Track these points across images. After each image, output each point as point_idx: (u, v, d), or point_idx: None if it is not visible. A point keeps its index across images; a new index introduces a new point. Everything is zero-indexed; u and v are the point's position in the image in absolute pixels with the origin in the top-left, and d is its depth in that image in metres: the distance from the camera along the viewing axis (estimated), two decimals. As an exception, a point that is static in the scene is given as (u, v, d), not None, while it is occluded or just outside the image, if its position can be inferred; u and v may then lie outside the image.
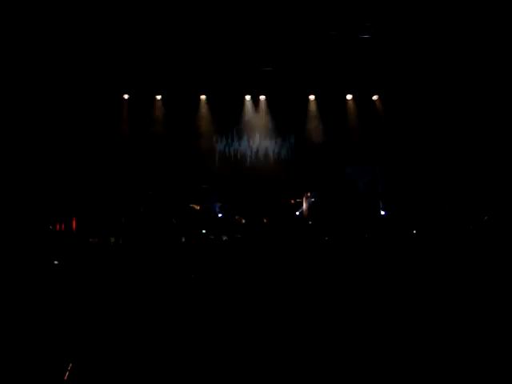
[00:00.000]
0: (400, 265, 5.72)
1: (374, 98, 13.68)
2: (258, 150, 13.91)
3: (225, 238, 10.40)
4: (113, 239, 10.41)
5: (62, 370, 3.37)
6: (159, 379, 3.40)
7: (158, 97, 13.37)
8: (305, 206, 12.83)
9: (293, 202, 13.07)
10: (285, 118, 13.83)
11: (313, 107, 13.71)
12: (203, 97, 13.52)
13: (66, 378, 3.32)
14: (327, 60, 11.86)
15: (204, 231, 10.83)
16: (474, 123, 12.22)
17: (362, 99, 13.59)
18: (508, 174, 11.61)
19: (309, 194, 13.00)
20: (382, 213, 12.10)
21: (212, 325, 4.01)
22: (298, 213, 12.93)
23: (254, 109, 13.73)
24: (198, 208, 12.19)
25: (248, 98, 13.63)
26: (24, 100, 10.99)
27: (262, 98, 13.64)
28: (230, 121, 13.81)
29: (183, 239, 10.49)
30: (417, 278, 5.13)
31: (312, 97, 13.67)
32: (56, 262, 6.27)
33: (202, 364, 3.52)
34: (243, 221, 11.34)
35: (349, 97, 13.62)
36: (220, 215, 12.27)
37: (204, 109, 13.54)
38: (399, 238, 8.54)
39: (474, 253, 6.38)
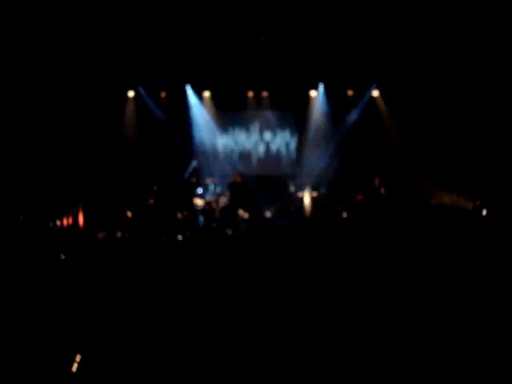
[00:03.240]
0: (402, 258, 5.75)
1: (375, 92, 13.68)
2: (260, 145, 13.98)
3: (229, 232, 10.53)
4: (119, 233, 10.57)
5: (69, 361, 3.38)
6: (167, 371, 3.37)
7: (163, 93, 13.49)
8: (307, 200, 12.89)
9: (295, 191, 13.18)
10: (287, 113, 13.89)
11: (315, 101, 13.75)
12: (207, 93, 13.59)
13: (74, 369, 3.35)
14: (328, 54, 11.88)
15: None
16: (476, 116, 12.21)
17: (362, 93, 13.61)
18: (508, 167, 11.63)
19: (311, 188, 13.05)
20: (384, 206, 12.12)
21: (215, 317, 4.03)
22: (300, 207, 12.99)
23: (257, 104, 13.78)
24: (202, 203, 12.27)
25: (251, 93, 13.69)
26: (28, 95, 11.01)
27: (265, 93, 13.70)
28: (234, 116, 13.88)
29: (188, 233, 10.62)
30: (419, 272, 5.13)
31: (313, 92, 13.72)
32: (63, 257, 6.33)
33: (207, 354, 3.52)
34: (246, 215, 11.44)
35: (350, 92, 13.65)
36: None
37: (207, 104, 13.61)
38: (401, 231, 8.59)
39: (474, 246, 6.40)
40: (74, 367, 3.36)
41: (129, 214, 11.01)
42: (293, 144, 13.97)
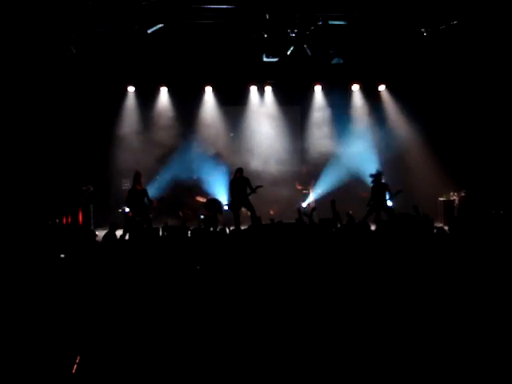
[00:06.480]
0: (408, 257, 5.63)
1: (381, 87, 13.58)
2: (264, 141, 13.83)
3: (230, 229, 10.36)
4: (119, 232, 10.41)
5: (69, 362, 3.37)
6: (166, 373, 3.37)
7: (164, 88, 13.36)
8: (311, 196, 12.81)
9: (300, 188, 13.12)
10: (292, 108, 13.79)
11: (319, 97, 13.65)
12: (209, 88, 13.46)
13: (73, 370, 3.32)
14: (332, 48, 11.76)
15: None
16: (483, 115, 12.15)
17: (368, 89, 13.51)
18: None
19: (314, 185, 12.98)
20: (390, 204, 12.00)
21: (216, 316, 3.99)
22: (304, 204, 12.88)
23: (261, 99, 13.65)
24: (204, 201, 12.15)
25: (254, 88, 13.56)
26: (27, 93, 10.96)
27: (268, 88, 13.58)
28: (236, 111, 13.75)
29: (189, 233, 10.46)
30: (425, 272, 5.02)
31: (318, 86, 13.60)
32: (62, 256, 6.25)
33: (207, 352, 3.53)
34: (249, 213, 11.28)
35: (355, 86, 13.54)
36: (226, 208, 12.23)
37: (209, 99, 13.49)
38: (407, 229, 8.44)
39: (484, 245, 6.30)
40: (74, 368, 3.33)
41: (130, 213, 10.86)
42: (298, 139, 13.85)
